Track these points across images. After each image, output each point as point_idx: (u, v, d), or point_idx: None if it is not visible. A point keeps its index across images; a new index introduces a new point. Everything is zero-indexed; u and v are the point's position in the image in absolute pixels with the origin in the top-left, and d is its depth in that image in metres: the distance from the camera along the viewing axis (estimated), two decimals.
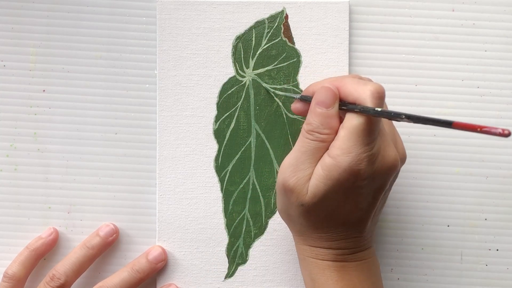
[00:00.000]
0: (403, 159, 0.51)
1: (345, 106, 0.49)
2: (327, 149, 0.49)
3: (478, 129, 0.41)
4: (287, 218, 0.52)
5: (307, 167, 0.49)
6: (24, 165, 0.59)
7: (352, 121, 0.47)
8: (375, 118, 0.47)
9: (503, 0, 0.59)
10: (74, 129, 0.59)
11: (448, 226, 0.59)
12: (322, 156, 0.49)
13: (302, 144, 0.49)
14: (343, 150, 0.47)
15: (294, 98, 0.54)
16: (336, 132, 0.49)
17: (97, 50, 0.59)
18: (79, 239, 0.59)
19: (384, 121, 0.51)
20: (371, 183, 0.48)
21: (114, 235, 0.58)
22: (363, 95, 0.47)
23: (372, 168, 0.48)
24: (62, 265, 0.56)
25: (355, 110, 0.47)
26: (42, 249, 0.58)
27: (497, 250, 0.59)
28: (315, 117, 0.49)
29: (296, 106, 0.53)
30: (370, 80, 0.52)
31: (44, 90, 0.59)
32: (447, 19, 0.59)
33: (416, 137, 0.59)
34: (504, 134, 0.40)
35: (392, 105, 0.58)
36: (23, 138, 0.59)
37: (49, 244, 0.58)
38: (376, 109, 0.47)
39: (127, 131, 0.59)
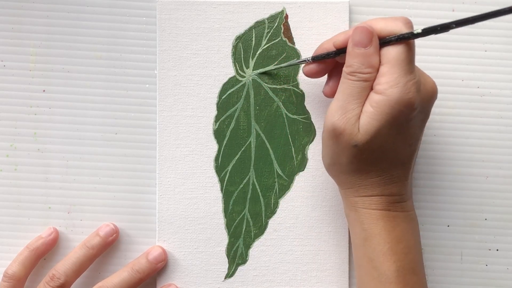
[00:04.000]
0: (435, 89, 0.52)
1: (381, 40, 0.49)
2: (371, 88, 0.49)
3: None
4: (338, 169, 0.52)
5: (355, 107, 0.49)
6: (24, 165, 0.59)
7: (392, 53, 0.48)
8: (412, 46, 0.49)
9: (503, 0, 0.59)
10: (74, 129, 0.59)
11: (448, 226, 0.59)
12: (366, 95, 0.49)
13: (345, 87, 0.50)
14: (390, 83, 0.48)
15: (305, 61, 0.54)
16: (377, 70, 0.49)
17: (97, 50, 0.59)
18: (79, 239, 0.59)
19: None
20: (419, 113, 0.50)
21: (114, 235, 0.58)
22: (396, 26, 0.49)
23: (419, 94, 0.49)
24: (62, 265, 0.56)
25: (393, 39, 0.48)
26: (42, 249, 0.58)
27: (497, 250, 0.59)
28: (355, 58, 0.49)
29: (309, 67, 0.54)
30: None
31: (44, 90, 0.59)
32: (447, 19, 0.59)
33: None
34: None
35: None
36: (23, 138, 0.59)
37: (49, 244, 0.59)
38: (415, 31, 0.48)
39: (127, 131, 0.59)
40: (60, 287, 0.56)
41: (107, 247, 0.59)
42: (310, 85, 0.58)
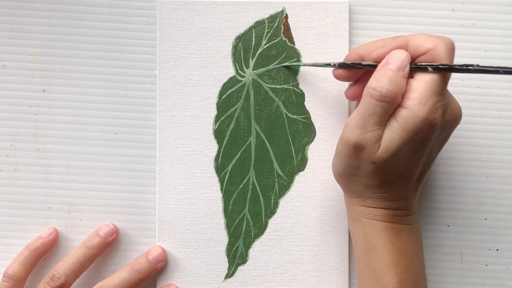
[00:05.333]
0: (460, 115, 0.52)
1: (415, 65, 0.49)
2: (392, 111, 0.49)
3: None
4: (348, 179, 0.52)
5: (376, 129, 0.49)
6: (24, 165, 0.59)
7: (426, 75, 0.48)
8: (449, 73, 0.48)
9: (503, 0, 0.59)
10: (74, 129, 0.59)
11: (448, 226, 0.59)
12: (389, 114, 0.49)
13: (368, 106, 0.49)
14: (420, 100, 0.48)
15: (332, 66, 0.54)
16: (403, 91, 0.49)
17: (97, 50, 0.59)
18: (79, 239, 0.59)
19: None
20: (439, 134, 0.50)
21: (114, 235, 0.58)
22: (438, 48, 0.48)
23: (443, 118, 0.49)
24: (62, 265, 0.56)
25: (428, 69, 0.48)
26: (42, 249, 0.58)
27: (497, 250, 0.59)
28: (381, 77, 0.48)
29: (339, 72, 0.54)
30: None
31: (44, 90, 0.59)
32: (447, 19, 0.59)
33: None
34: None
35: None
36: (23, 138, 0.59)
37: (49, 244, 0.59)
38: (453, 65, 0.48)
39: (127, 131, 0.59)
40: (60, 287, 0.56)
41: (107, 247, 0.59)
42: (310, 85, 0.58)
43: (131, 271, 0.57)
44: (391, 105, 0.48)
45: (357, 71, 0.53)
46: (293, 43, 0.58)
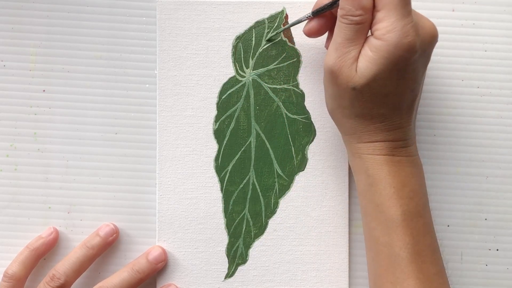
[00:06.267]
0: (435, 33, 0.52)
1: None
2: (366, 30, 0.49)
3: None
4: (340, 112, 0.52)
5: (351, 50, 0.49)
6: (24, 165, 0.59)
7: None
8: None
9: (503, 0, 0.59)
10: (74, 129, 0.59)
11: (448, 226, 0.59)
12: (362, 38, 0.49)
13: (339, 30, 0.50)
14: (387, 28, 0.48)
15: (306, 18, 0.54)
16: (370, 12, 0.49)
17: (97, 50, 0.59)
18: (79, 239, 0.59)
19: None
20: (420, 56, 0.49)
21: (114, 235, 0.58)
22: None
23: (419, 37, 0.48)
24: (62, 265, 0.56)
25: None
26: (42, 249, 0.58)
27: (497, 250, 0.59)
28: (346, 1, 0.49)
29: (310, 25, 0.54)
30: None
31: (44, 90, 0.59)
32: (447, 19, 0.59)
33: (416, 137, 0.59)
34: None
35: None
36: (23, 138, 0.59)
37: (49, 244, 0.59)
38: None
39: (127, 131, 0.59)
40: (60, 287, 0.56)
41: (107, 247, 0.59)
42: (310, 85, 0.58)
43: (131, 271, 0.57)
44: (358, 25, 0.49)
45: (326, 21, 0.54)
46: (293, 43, 0.58)
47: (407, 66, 0.49)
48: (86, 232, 0.59)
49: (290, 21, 0.58)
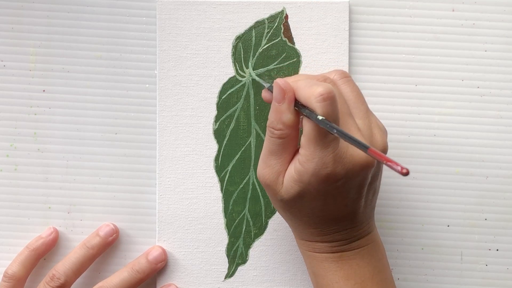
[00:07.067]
0: (383, 150, 0.50)
1: (297, 107, 0.48)
2: (291, 146, 0.49)
3: (384, 161, 0.41)
4: (278, 211, 0.52)
5: (274, 164, 0.49)
6: (24, 165, 0.59)
7: (306, 126, 0.47)
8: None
9: (503, 0, 0.59)
10: (74, 129, 0.59)
11: (448, 226, 0.59)
12: (286, 153, 0.49)
13: (265, 141, 0.50)
14: (307, 156, 0.47)
15: (264, 86, 0.54)
16: (291, 129, 0.48)
17: (97, 50, 0.59)
18: (79, 239, 0.59)
19: (358, 115, 0.49)
20: (348, 182, 0.47)
21: (114, 235, 0.58)
22: (309, 98, 0.46)
23: (343, 167, 0.46)
24: (62, 265, 0.56)
25: (304, 114, 0.47)
26: (42, 249, 0.58)
27: (497, 250, 0.59)
28: (271, 112, 0.49)
29: (264, 95, 0.53)
30: (325, 78, 0.51)
31: (44, 90, 0.59)
32: (447, 19, 0.59)
33: (416, 137, 0.59)
34: (402, 173, 0.39)
35: (392, 105, 0.58)
36: (23, 138, 0.59)
37: (49, 244, 0.58)
38: (318, 117, 0.45)
39: (127, 131, 0.59)
40: (60, 287, 0.56)
41: (107, 247, 0.59)
42: None
43: (131, 271, 0.57)
44: (280, 140, 0.48)
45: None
46: (293, 43, 0.58)
47: (332, 190, 0.47)
48: (86, 232, 0.59)
49: (290, 21, 0.58)
